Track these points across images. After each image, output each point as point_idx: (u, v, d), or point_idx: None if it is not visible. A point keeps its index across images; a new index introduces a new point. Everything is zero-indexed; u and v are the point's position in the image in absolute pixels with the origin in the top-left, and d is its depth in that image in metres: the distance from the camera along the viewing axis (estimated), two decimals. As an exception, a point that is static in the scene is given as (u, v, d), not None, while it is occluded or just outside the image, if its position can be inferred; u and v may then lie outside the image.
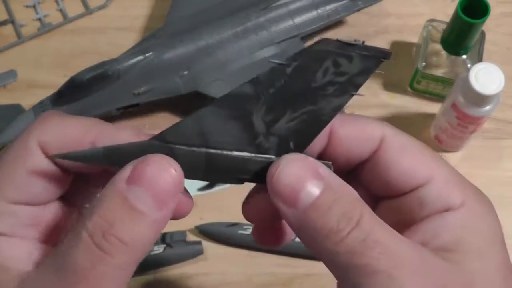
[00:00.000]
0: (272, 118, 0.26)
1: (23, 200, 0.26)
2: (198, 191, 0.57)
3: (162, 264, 0.54)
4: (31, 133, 0.26)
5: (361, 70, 0.25)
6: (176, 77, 0.58)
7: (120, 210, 0.23)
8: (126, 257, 0.23)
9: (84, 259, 0.23)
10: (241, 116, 0.26)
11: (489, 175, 0.59)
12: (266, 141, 0.26)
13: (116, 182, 0.24)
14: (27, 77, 0.64)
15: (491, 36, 0.62)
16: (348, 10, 0.63)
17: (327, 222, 0.24)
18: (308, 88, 0.26)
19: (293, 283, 0.54)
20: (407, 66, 0.64)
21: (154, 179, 0.24)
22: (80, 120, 0.27)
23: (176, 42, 0.58)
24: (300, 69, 0.25)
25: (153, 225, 0.24)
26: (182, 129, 0.26)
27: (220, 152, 0.26)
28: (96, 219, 0.23)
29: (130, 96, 0.58)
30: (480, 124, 0.55)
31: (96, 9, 0.68)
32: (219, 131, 0.26)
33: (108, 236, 0.23)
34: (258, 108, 0.26)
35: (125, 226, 0.23)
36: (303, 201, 0.24)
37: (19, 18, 0.68)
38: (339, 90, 0.26)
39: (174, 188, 0.24)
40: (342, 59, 0.25)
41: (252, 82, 0.25)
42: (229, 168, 0.26)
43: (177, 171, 0.24)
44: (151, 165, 0.24)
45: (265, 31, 0.60)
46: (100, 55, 0.59)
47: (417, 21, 0.64)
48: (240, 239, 0.55)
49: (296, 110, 0.26)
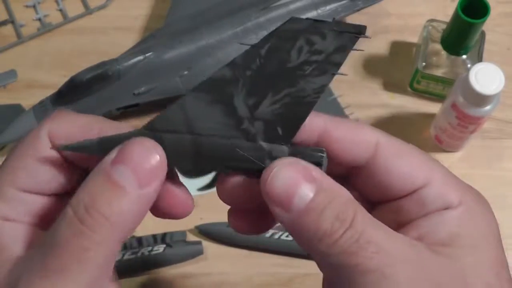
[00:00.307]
0: (254, 102, 0.26)
1: (32, 189, 0.27)
2: (198, 191, 0.57)
3: (162, 264, 0.54)
4: (43, 126, 0.27)
5: (337, 47, 0.25)
6: (176, 77, 0.58)
7: (103, 186, 0.24)
8: (108, 233, 0.24)
9: (67, 233, 0.24)
10: (223, 99, 0.26)
11: (489, 175, 0.59)
12: (252, 126, 0.26)
13: (103, 163, 0.25)
14: (27, 77, 0.64)
15: (491, 36, 0.62)
16: (348, 10, 0.63)
17: (321, 224, 0.24)
18: (285, 69, 0.26)
19: (293, 283, 0.54)
20: (407, 66, 0.64)
21: (137, 158, 0.25)
22: (87, 117, 0.28)
23: (176, 42, 0.58)
24: (274, 50, 0.25)
25: (135, 202, 0.24)
26: (169, 116, 0.26)
27: (206, 138, 0.26)
28: (80, 194, 0.24)
29: (130, 96, 0.58)
30: (480, 124, 0.55)
31: (96, 9, 0.68)
32: (203, 117, 0.26)
33: (90, 211, 0.24)
34: (239, 91, 0.26)
35: (107, 200, 0.24)
36: (297, 205, 0.25)
37: (19, 18, 0.68)
38: (318, 70, 0.26)
39: (157, 169, 0.25)
40: (315, 37, 0.25)
41: (229, 65, 0.26)
42: (217, 155, 0.26)
43: (160, 153, 0.25)
44: (135, 146, 0.25)
45: (265, 31, 0.60)
46: (100, 55, 0.59)
47: (417, 21, 0.64)
48: (240, 239, 0.55)
49: (277, 93, 0.26)
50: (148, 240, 0.54)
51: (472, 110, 0.53)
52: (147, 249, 0.54)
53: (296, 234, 0.25)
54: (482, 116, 0.53)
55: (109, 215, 0.24)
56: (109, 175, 0.24)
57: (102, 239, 0.24)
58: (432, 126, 0.60)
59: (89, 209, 0.24)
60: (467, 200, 0.27)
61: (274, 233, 0.54)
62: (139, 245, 0.54)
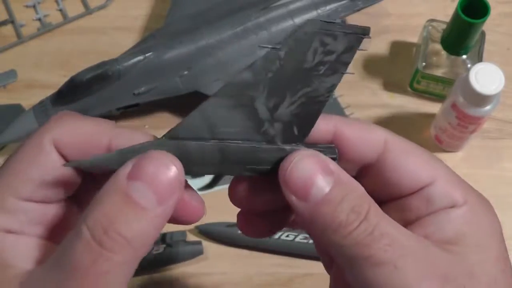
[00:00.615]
0: (274, 104, 0.26)
1: (35, 198, 0.26)
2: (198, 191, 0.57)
3: (162, 264, 0.54)
4: (46, 131, 0.26)
5: (345, 47, 0.26)
6: (176, 77, 0.58)
7: (121, 205, 0.23)
8: (128, 254, 0.23)
9: (85, 256, 0.23)
10: (244, 103, 0.26)
11: (489, 175, 0.59)
12: (272, 128, 0.27)
13: (117, 178, 0.24)
14: (27, 77, 0.64)
15: (491, 36, 0.62)
16: (348, 10, 0.63)
17: (337, 216, 0.25)
18: (302, 70, 0.26)
19: (293, 283, 0.54)
20: (407, 66, 0.64)
21: (155, 174, 0.24)
22: (95, 121, 0.27)
23: (176, 42, 0.58)
24: (292, 51, 0.26)
25: (154, 220, 0.24)
26: (191, 124, 0.26)
27: (230, 143, 0.26)
28: (96, 215, 0.23)
29: (130, 96, 0.58)
30: (480, 124, 0.55)
31: (96, 9, 0.68)
32: (225, 122, 0.26)
33: (109, 233, 0.23)
34: (259, 94, 0.26)
35: (127, 222, 0.23)
36: (314, 195, 0.25)
37: (19, 18, 0.68)
38: (330, 69, 0.27)
39: (175, 184, 0.24)
40: (327, 38, 0.26)
41: (249, 69, 0.26)
42: (240, 159, 0.27)
43: (178, 167, 0.24)
44: (152, 161, 0.24)
45: (265, 31, 0.60)
46: (100, 55, 0.59)
47: (417, 21, 0.64)
48: (240, 239, 0.55)
49: (294, 93, 0.27)
50: (148, 240, 0.54)
51: (472, 110, 0.53)
52: (147, 249, 0.54)
53: (311, 225, 0.25)
54: (482, 116, 0.53)
55: (130, 236, 0.23)
56: (127, 194, 0.23)
57: (123, 260, 0.23)
58: (432, 126, 0.60)
59: (108, 231, 0.23)
60: (471, 199, 0.27)
61: (274, 233, 0.54)
62: (139, 245, 0.54)
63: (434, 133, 0.59)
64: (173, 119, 0.62)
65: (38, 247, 0.26)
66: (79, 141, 0.26)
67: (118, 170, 0.24)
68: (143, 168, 0.24)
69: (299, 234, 0.54)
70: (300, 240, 0.54)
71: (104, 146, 0.26)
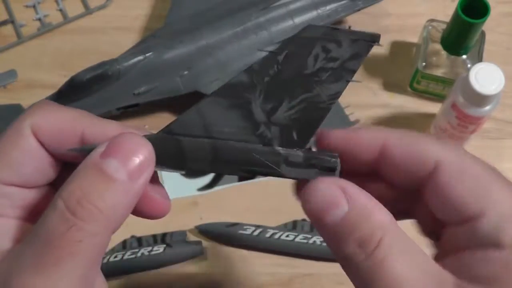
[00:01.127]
0: (271, 107, 0.26)
1: (15, 182, 0.27)
2: (198, 191, 0.57)
3: (162, 264, 0.54)
4: (25, 118, 0.27)
5: (352, 55, 0.26)
6: (176, 77, 0.58)
7: (94, 178, 0.24)
8: (100, 224, 0.24)
9: (59, 226, 0.23)
10: (240, 104, 0.26)
11: (489, 175, 0.59)
12: (268, 131, 0.27)
13: (92, 156, 0.25)
14: (27, 77, 0.64)
15: (491, 36, 0.62)
16: (348, 10, 0.63)
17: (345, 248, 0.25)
18: (301, 75, 0.26)
19: (293, 283, 0.54)
20: (407, 66, 0.64)
21: (127, 152, 0.25)
22: (71, 111, 0.28)
23: (176, 42, 0.58)
24: (291, 56, 0.26)
25: (126, 195, 0.25)
26: (187, 120, 0.27)
27: (224, 142, 0.27)
28: (71, 187, 0.24)
29: (130, 96, 0.58)
30: (480, 124, 0.55)
31: (96, 9, 0.68)
32: (221, 121, 0.27)
33: (83, 203, 0.24)
34: (256, 97, 0.26)
35: (100, 193, 0.24)
36: (328, 220, 0.25)
37: (19, 18, 0.68)
38: (334, 76, 0.26)
39: (146, 162, 0.25)
40: (331, 44, 0.26)
41: (247, 71, 0.26)
42: (234, 159, 0.27)
43: (149, 148, 0.25)
44: (124, 140, 0.25)
45: (265, 31, 0.60)
46: (100, 55, 0.59)
47: (417, 21, 0.64)
48: (240, 239, 0.55)
49: (293, 98, 0.26)
50: (148, 240, 0.54)
51: (472, 110, 0.53)
52: (147, 249, 0.54)
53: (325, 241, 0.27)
54: (482, 116, 0.53)
55: (102, 206, 0.24)
56: (100, 168, 0.24)
57: (95, 230, 0.24)
58: (432, 126, 0.60)
59: (81, 201, 0.24)
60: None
61: (274, 233, 0.54)
62: (139, 245, 0.54)
63: (434, 133, 0.59)
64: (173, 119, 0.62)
65: (18, 228, 0.26)
66: (56, 129, 0.27)
67: (93, 150, 0.25)
68: (117, 146, 0.25)
69: (299, 234, 0.54)
70: (300, 240, 0.54)
71: (78, 135, 0.27)
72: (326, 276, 0.54)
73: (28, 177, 0.27)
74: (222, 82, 0.61)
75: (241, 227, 0.55)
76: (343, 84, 0.27)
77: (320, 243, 0.54)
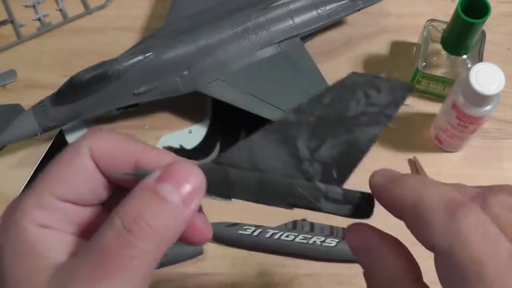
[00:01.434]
0: (315, 145, 0.28)
1: (71, 199, 0.28)
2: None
3: (162, 264, 0.54)
4: (84, 140, 0.28)
5: (389, 101, 0.28)
6: (176, 77, 0.58)
7: (150, 200, 0.26)
8: (153, 243, 0.25)
9: (113, 241, 0.25)
10: (287, 140, 0.28)
11: (489, 175, 0.59)
12: (311, 167, 0.28)
13: (147, 180, 0.26)
14: (26, 77, 0.64)
15: (491, 36, 0.62)
16: (348, 10, 0.63)
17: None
18: (344, 117, 0.28)
19: (293, 283, 0.54)
20: (407, 66, 0.64)
21: (181, 178, 0.26)
22: (127, 137, 0.30)
23: (176, 42, 0.58)
24: (336, 99, 0.28)
25: (178, 217, 0.26)
26: (235, 153, 0.28)
27: (270, 175, 0.28)
28: (127, 207, 0.25)
29: (130, 96, 0.57)
30: (480, 124, 0.54)
31: (96, 9, 0.68)
32: (268, 155, 0.28)
33: (138, 221, 0.25)
34: (302, 135, 0.28)
35: (154, 213, 0.25)
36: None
37: (19, 18, 0.68)
38: (372, 120, 0.28)
39: (198, 190, 0.27)
40: (371, 91, 0.28)
41: (295, 111, 0.28)
42: (278, 192, 0.28)
43: (202, 177, 0.27)
44: (179, 167, 0.27)
45: (265, 31, 0.60)
46: (100, 55, 0.58)
47: (417, 21, 0.64)
48: (240, 239, 0.55)
49: (335, 138, 0.28)
50: (148, 240, 0.54)
51: (473, 110, 0.53)
52: (147, 249, 0.54)
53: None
54: (483, 116, 0.53)
55: (155, 225, 0.25)
56: (155, 190, 0.26)
57: (148, 248, 0.25)
58: (432, 126, 0.60)
59: (137, 219, 0.25)
60: None
61: (274, 233, 0.54)
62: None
63: (434, 133, 0.59)
64: (173, 119, 0.62)
65: (72, 243, 0.28)
66: (112, 153, 0.28)
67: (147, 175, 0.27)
68: (172, 172, 0.26)
69: (299, 234, 0.54)
70: (300, 240, 0.54)
71: (132, 161, 0.28)
72: (326, 276, 0.54)
73: (82, 196, 0.28)
74: (222, 82, 0.62)
75: (241, 227, 0.55)
76: (380, 128, 0.28)
77: (320, 243, 0.54)
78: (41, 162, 0.59)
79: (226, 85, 0.58)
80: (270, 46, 0.60)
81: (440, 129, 0.58)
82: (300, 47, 0.61)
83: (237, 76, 0.59)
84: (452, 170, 0.59)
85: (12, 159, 0.60)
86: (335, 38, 0.66)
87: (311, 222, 0.55)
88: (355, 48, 0.65)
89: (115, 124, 0.61)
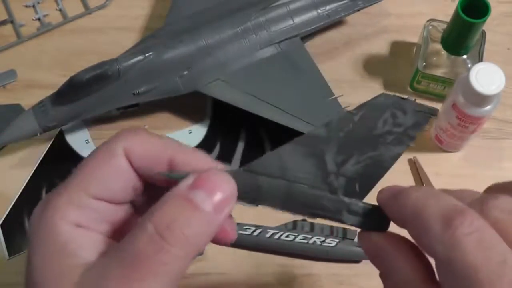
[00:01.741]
0: (341, 160, 0.29)
1: (104, 197, 0.28)
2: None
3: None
4: (119, 139, 0.29)
5: (413, 123, 0.30)
6: (176, 77, 0.58)
7: (183, 207, 0.26)
8: (185, 249, 0.26)
9: (148, 247, 0.25)
10: (316, 154, 0.29)
11: (489, 175, 0.59)
12: (336, 181, 0.30)
13: (180, 187, 0.27)
14: (26, 77, 0.64)
15: (492, 36, 0.62)
16: (348, 10, 0.63)
17: None
18: (371, 135, 0.29)
19: (293, 283, 0.54)
20: (407, 66, 0.64)
21: (214, 186, 0.27)
22: (161, 137, 0.30)
23: (176, 42, 0.58)
24: (365, 118, 0.29)
25: (209, 224, 0.26)
26: (266, 161, 0.29)
27: (298, 185, 0.29)
28: (160, 213, 0.26)
29: (130, 96, 0.57)
30: (481, 124, 0.54)
31: (96, 9, 0.68)
32: (297, 166, 0.29)
33: (171, 228, 0.25)
34: (330, 149, 0.29)
35: (187, 220, 0.26)
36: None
37: (19, 18, 0.68)
38: (397, 140, 0.30)
39: (230, 198, 0.27)
40: (398, 112, 0.29)
41: (325, 126, 0.29)
42: (303, 202, 0.30)
43: (234, 186, 0.27)
44: (212, 175, 0.27)
45: (265, 31, 0.60)
46: (100, 55, 0.58)
47: (417, 21, 0.64)
48: (240, 239, 0.54)
49: (361, 154, 0.30)
50: (148, 240, 0.54)
51: (473, 110, 0.53)
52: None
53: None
54: (483, 116, 0.53)
55: (188, 233, 0.26)
56: (188, 197, 0.26)
57: (180, 254, 0.25)
58: (432, 126, 0.60)
59: (170, 226, 0.25)
60: None
61: (274, 233, 0.54)
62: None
63: (435, 133, 0.59)
64: (173, 119, 0.62)
65: (102, 242, 0.28)
66: (146, 152, 0.29)
67: (181, 181, 0.27)
68: (204, 180, 0.27)
69: (299, 234, 0.54)
70: (300, 240, 0.54)
71: (166, 161, 0.29)
72: (326, 276, 0.54)
73: (115, 194, 0.29)
74: (222, 82, 0.62)
75: (241, 227, 0.55)
76: (403, 147, 0.30)
77: (320, 243, 0.54)
78: (41, 162, 0.59)
79: (226, 85, 0.58)
80: (270, 46, 0.60)
81: (440, 129, 0.58)
82: (300, 47, 0.61)
83: (237, 76, 0.59)
84: (452, 170, 0.59)
85: (12, 159, 0.60)
86: (335, 38, 0.66)
87: (311, 222, 0.55)
88: (355, 48, 0.65)
89: (115, 124, 0.61)
